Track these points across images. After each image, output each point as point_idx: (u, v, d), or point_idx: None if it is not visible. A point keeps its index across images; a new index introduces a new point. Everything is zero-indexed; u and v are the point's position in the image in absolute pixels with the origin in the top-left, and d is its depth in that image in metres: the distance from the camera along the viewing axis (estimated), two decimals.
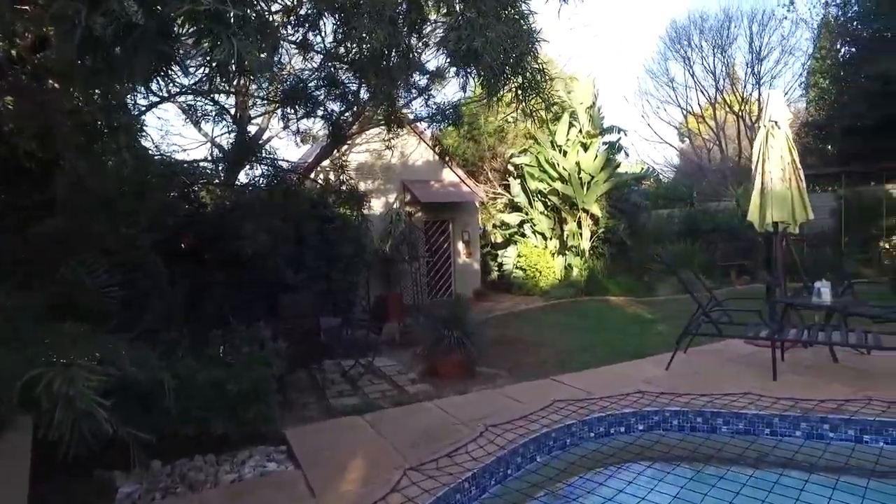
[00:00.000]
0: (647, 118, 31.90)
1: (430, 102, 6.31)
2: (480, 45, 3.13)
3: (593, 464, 3.92)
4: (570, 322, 11.65)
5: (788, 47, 19.64)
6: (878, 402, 4.22)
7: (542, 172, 16.36)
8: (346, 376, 7.53)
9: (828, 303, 5.45)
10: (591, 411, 4.25)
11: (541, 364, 8.41)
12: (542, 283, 15.79)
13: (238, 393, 3.75)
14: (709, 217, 16.41)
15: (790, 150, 6.06)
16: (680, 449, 4.07)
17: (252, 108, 6.82)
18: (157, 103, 5.08)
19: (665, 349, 7.82)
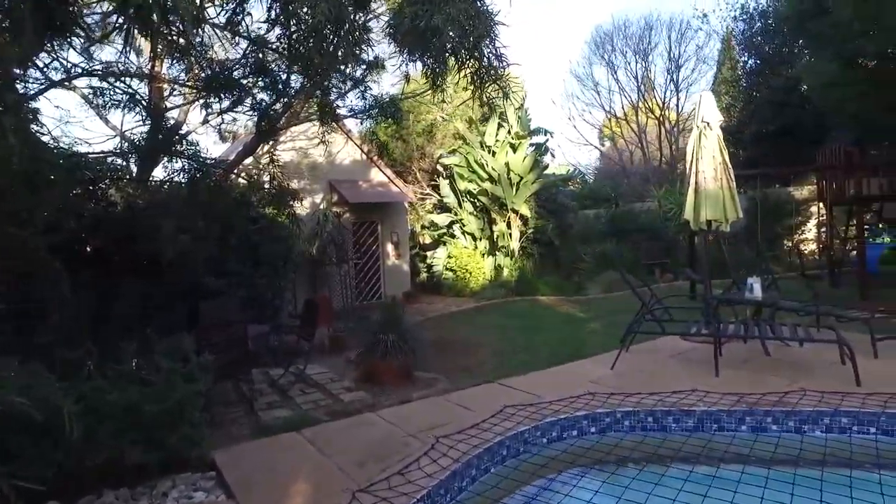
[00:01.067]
0: (573, 121, 32.85)
1: (366, 95, 5.95)
2: (440, 22, 2.87)
3: (548, 471, 3.76)
4: (504, 322, 11.61)
5: (703, 56, 20.89)
6: (812, 393, 4.35)
7: (471, 173, 16.33)
8: (275, 386, 7.04)
9: (760, 298, 5.62)
10: (544, 416, 4.10)
11: (479, 366, 8.27)
12: (472, 284, 15.74)
13: (158, 415, 3.27)
14: (633, 217, 17.00)
15: (721, 151, 6.23)
16: (635, 450, 3.99)
17: (169, 98, 6.17)
18: (55, 84, 4.43)
19: (604, 348, 7.92)
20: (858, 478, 3.48)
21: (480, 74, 3.87)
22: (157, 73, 5.46)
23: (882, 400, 4.19)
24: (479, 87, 3.96)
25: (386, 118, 5.86)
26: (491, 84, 3.92)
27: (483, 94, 4.04)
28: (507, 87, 3.96)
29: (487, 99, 4.07)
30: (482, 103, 4.08)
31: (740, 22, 16.32)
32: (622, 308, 11.52)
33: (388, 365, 7.03)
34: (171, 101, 6.58)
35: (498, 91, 4.01)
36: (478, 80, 3.91)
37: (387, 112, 5.80)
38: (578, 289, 14.83)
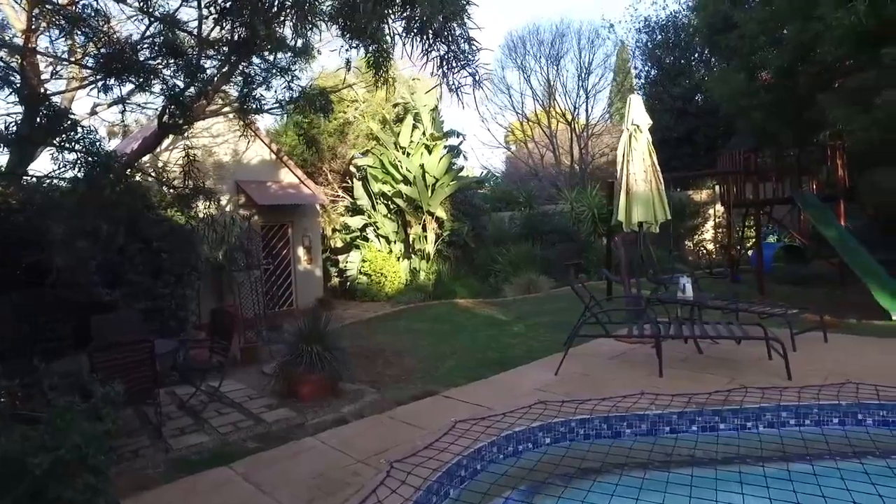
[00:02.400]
0: (486, 123, 33.09)
1: (293, 85, 5.39)
2: None
3: (509, 490, 3.51)
4: (425, 327, 11.33)
5: (610, 64, 21.92)
6: (754, 390, 4.45)
7: (385, 174, 15.94)
8: (185, 408, 6.27)
9: (692, 298, 5.75)
10: (501, 430, 3.85)
11: (406, 374, 7.92)
12: (387, 289, 15.35)
13: (51, 466, 2.62)
14: (547, 219, 17.34)
15: (650, 153, 6.35)
16: (591, 459, 3.84)
17: (53, 79, 5.23)
18: None
19: (535, 352, 7.87)
20: (797, 471, 3.54)
21: (448, 59, 3.54)
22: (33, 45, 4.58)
23: (815, 392, 4.36)
24: (447, 73, 3.61)
25: (315, 111, 5.35)
26: (460, 70, 3.59)
27: (453, 78, 3.67)
28: (477, 73, 3.65)
29: (456, 85, 3.73)
30: (451, 89, 3.75)
31: (643, 34, 17.27)
32: (542, 310, 11.64)
33: (311, 379, 6.50)
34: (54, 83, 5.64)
35: (467, 78, 3.67)
36: (446, 66, 3.57)
37: (316, 104, 5.29)
38: (495, 291, 14.86)
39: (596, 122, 22.43)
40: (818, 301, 8.79)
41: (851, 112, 5.95)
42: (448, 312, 12.77)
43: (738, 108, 8.00)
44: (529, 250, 16.07)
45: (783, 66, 6.92)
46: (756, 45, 7.13)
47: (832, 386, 4.47)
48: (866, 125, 5.79)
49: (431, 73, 3.62)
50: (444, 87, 3.67)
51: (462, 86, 3.64)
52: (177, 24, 4.23)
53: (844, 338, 6.20)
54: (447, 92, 3.67)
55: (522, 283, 14.41)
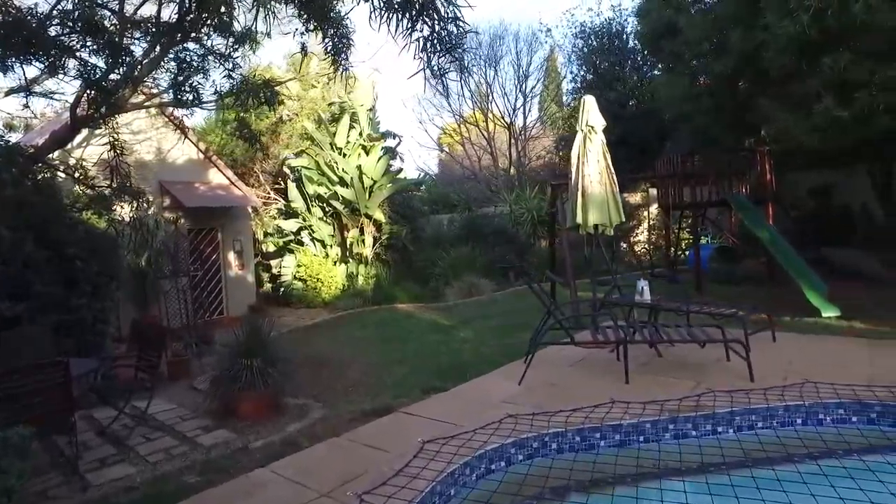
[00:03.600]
0: (424, 125, 32.72)
1: (234, 74, 4.84)
2: None
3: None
4: (367, 335, 10.90)
5: (547, 68, 22.11)
6: (721, 394, 4.41)
7: (321, 176, 15.34)
8: (106, 435, 5.58)
9: (650, 300, 5.71)
10: (474, 448, 3.57)
11: (354, 386, 7.50)
12: (324, 294, 14.75)
13: None
14: (487, 221, 17.27)
15: (605, 155, 6.28)
16: (567, 475, 3.64)
17: None
18: None
19: (487, 359, 7.63)
20: (783, 472, 3.49)
21: (432, 40, 3.18)
22: None
23: (779, 393, 4.37)
24: (430, 56, 3.25)
25: (259, 103, 4.85)
26: (445, 54, 3.24)
27: (437, 63, 3.32)
28: (461, 58, 3.32)
29: (438, 70, 3.38)
30: (434, 74, 3.40)
31: (580, 39, 17.61)
32: (486, 313, 11.49)
33: (251, 395, 5.98)
34: None
35: (453, 62, 3.33)
36: (430, 48, 3.21)
37: (261, 96, 4.78)
38: (437, 295, 14.60)
39: (533, 125, 22.69)
40: (751, 299, 9.12)
41: (794, 118, 6.14)
42: (390, 318, 12.37)
43: (682, 112, 8.18)
44: (470, 253, 15.93)
45: (726, 73, 7.10)
46: (699, 51, 7.29)
47: (793, 386, 4.50)
48: (807, 131, 6.00)
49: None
50: (426, 76, 3.32)
51: (446, 71, 3.31)
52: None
53: (788, 336, 6.36)
54: (430, 78, 3.32)
55: (464, 286, 14.22)
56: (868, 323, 7.32)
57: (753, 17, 6.19)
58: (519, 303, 12.46)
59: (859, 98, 5.42)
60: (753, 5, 6.19)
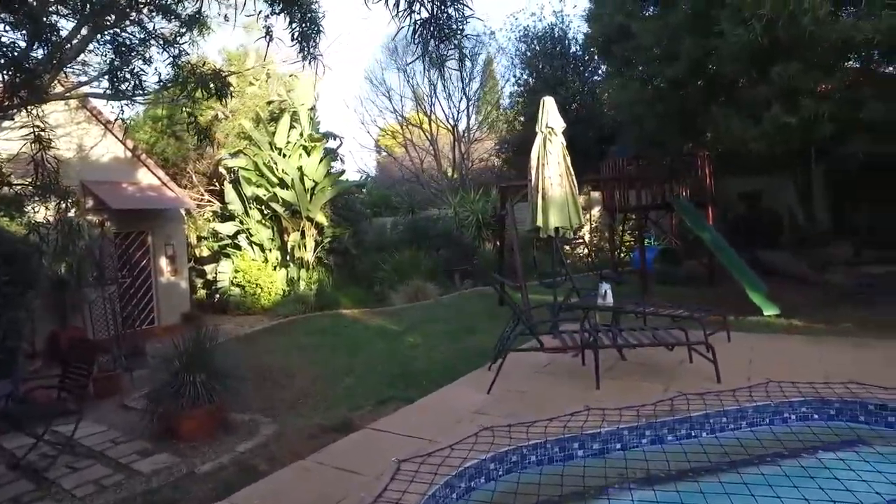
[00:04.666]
0: (366, 126, 32.02)
1: (179, 62, 4.34)
2: None
3: None
4: (312, 342, 10.44)
5: (490, 71, 22.14)
6: (693, 396, 4.39)
7: (260, 177, 14.67)
8: (21, 467, 4.95)
9: (612, 303, 5.68)
10: (454, 466, 3.34)
11: (302, 398, 7.11)
12: (264, 300, 14.12)
13: None
14: (431, 224, 17.07)
15: (565, 157, 6.22)
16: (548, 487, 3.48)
17: None
18: None
19: (442, 364, 7.42)
20: (769, 472, 3.48)
21: (433, 25, 2.88)
22: None
23: (747, 393, 4.40)
24: (429, 40, 2.95)
25: (209, 95, 4.39)
26: (445, 40, 2.95)
27: (436, 49, 3.01)
28: (461, 45, 3.05)
29: (438, 58, 3.09)
30: (434, 63, 3.11)
31: (522, 43, 17.75)
32: (434, 317, 11.27)
33: (195, 413, 5.49)
34: None
35: (453, 49, 3.04)
36: (429, 33, 2.90)
37: (211, 87, 4.31)
38: (382, 299, 14.26)
39: (476, 128, 22.67)
40: (694, 300, 9.38)
41: (744, 124, 6.32)
42: (335, 324, 11.94)
43: (634, 116, 8.32)
44: (414, 256, 15.69)
45: (677, 78, 7.25)
46: (651, 56, 7.41)
47: (759, 386, 4.55)
48: (756, 136, 6.19)
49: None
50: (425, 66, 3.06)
51: (446, 59, 3.05)
52: None
53: (739, 336, 6.50)
54: (429, 65, 3.06)
55: (410, 290, 13.95)
56: (804, 321, 7.65)
57: (706, 25, 6.33)
58: (466, 306, 12.34)
59: (805, 106, 5.64)
60: (705, 14, 6.34)
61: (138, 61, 4.09)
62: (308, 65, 3.50)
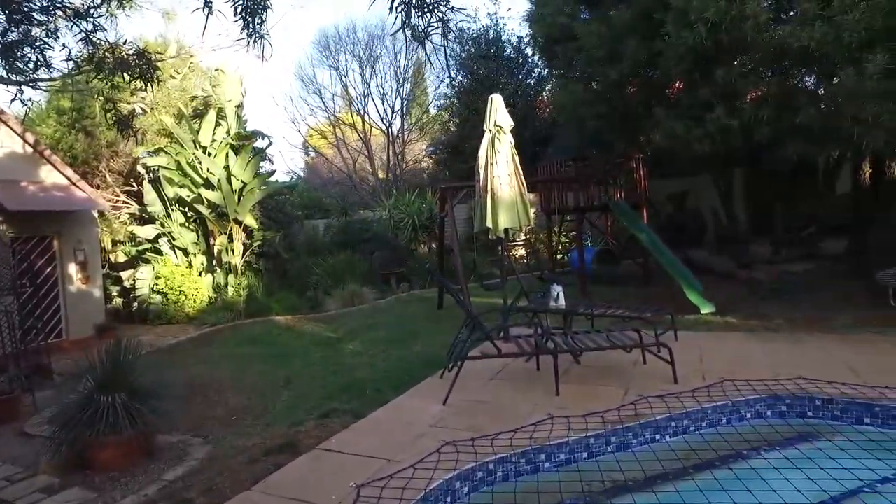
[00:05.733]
0: (297, 124, 30.93)
1: (94, 38, 3.74)
2: None
3: None
4: (244, 352, 9.83)
5: (424, 72, 21.96)
6: (654, 399, 4.31)
7: (183, 177, 13.74)
8: None
9: (565, 306, 5.57)
10: (419, 489, 3.05)
11: (237, 415, 6.58)
12: (188, 308, 13.23)
13: None
14: (366, 227, 16.62)
15: (514, 156, 6.07)
16: None
17: None
18: None
19: (386, 373, 7.08)
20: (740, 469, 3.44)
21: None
22: None
23: (705, 393, 4.38)
24: (413, 10, 2.59)
25: (133, 77, 3.82)
26: (429, 12, 2.60)
27: (420, 23, 2.66)
28: (446, 22, 2.71)
29: (422, 33, 2.74)
30: (416, 38, 2.76)
31: (457, 44, 17.63)
32: (373, 323, 10.87)
33: (114, 440, 4.89)
34: None
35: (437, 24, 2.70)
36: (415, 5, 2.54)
37: (134, 68, 3.75)
38: (316, 305, 13.73)
39: (410, 129, 22.35)
40: (633, 299, 9.54)
41: (686, 125, 6.43)
42: (267, 332, 11.31)
43: (576, 117, 8.34)
44: (349, 259, 15.22)
45: (620, 79, 7.30)
46: (594, 58, 7.43)
47: (715, 386, 4.55)
48: (700, 137, 6.31)
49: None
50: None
51: (430, 33, 2.73)
52: None
53: (683, 335, 6.58)
54: (412, 41, 2.72)
55: (345, 295, 13.49)
56: (738, 318, 7.90)
57: (649, 27, 6.39)
58: (404, 310, 12.04)
59: (746, 109, 5.80)
60: (649, 16, 6.40)
61: (41, 33, 3.49)
62: (253, 44, 3.11)
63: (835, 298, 8.58)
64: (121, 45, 3.73)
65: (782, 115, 5.61)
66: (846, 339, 6.20)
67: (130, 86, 3.93)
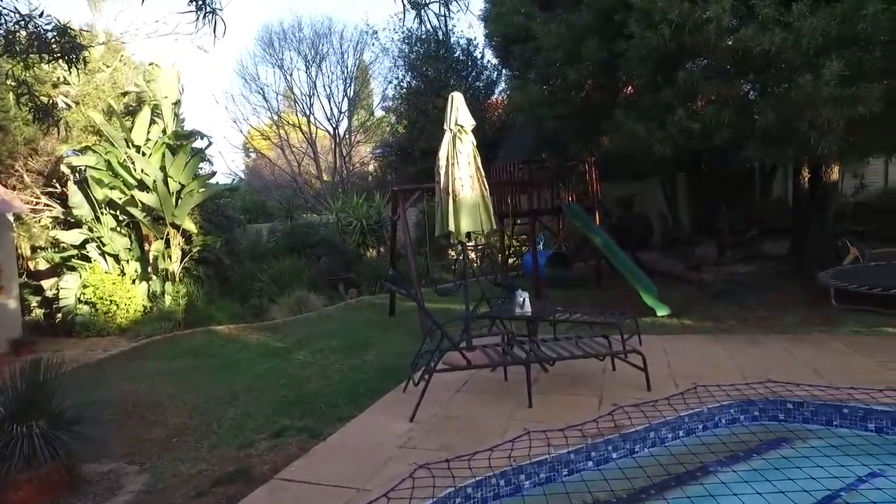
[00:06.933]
0: (239, 124, 29.73)
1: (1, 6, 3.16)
2: None
3: None
4: (183, 366, 9.16)
5: (373, 72, 21.44)
6: (630, 408, 4.16)
7: (114, 178, 12.80)
8: None
9: (529, 313, 5.36)
10: None
11: (178, 436, 6.01)
12: (120, 319, 12.33)
13: None
14: (312, 231, 16.05)
15: (475, 157, 5.83)
16: None
17: None
18: None
19: (341, 385, 6.69)
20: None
21: None
22: None
23: (680, 400, 4.27)
24: None
25: (52, 58, 3.26)
26: None
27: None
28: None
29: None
30: (413, 5, 2.40)
31: (406, 45, 17.31)
32: (322, 332, 10.42)
33: (31, 476, 4.31)
34: None
35: None
36: None
37: (53, 47, 3.21)
38: (260, 313, 13.11)
39: (357, 130, 21.77)
40: (587, 303, 9.52)
41: (648, 127, 6.39)
42: (209, 343, 10.64)
43: (535, 118, 8.20)
44: (295, 265, 14.64)
45: (580, 80, 7.22)
46: (553, 58, 7.32)
47: (689, 391, 4.46)
48: (662, 139, 6.28)
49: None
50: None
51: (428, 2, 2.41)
52: None
53: (646, 338, 6.53)
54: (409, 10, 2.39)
55: (291, 302, 12.95)
56: (693, 320, 7.97)
57: (610, 28, 6.32)
58: (355, 317, 11.65)
59: (707, 112, 5.81)
60: (610, 17, 6.33)
61: None
62: (204, 20, 2.71)
63: (780, 298, 8.82)
64: (36, 18, 3.19)
65: (742, 118, 5.66)
66: (802, 339, 6.29)
67: (51, 70, 3.41)
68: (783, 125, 5.50)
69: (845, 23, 5.17)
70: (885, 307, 7.06)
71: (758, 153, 5.93)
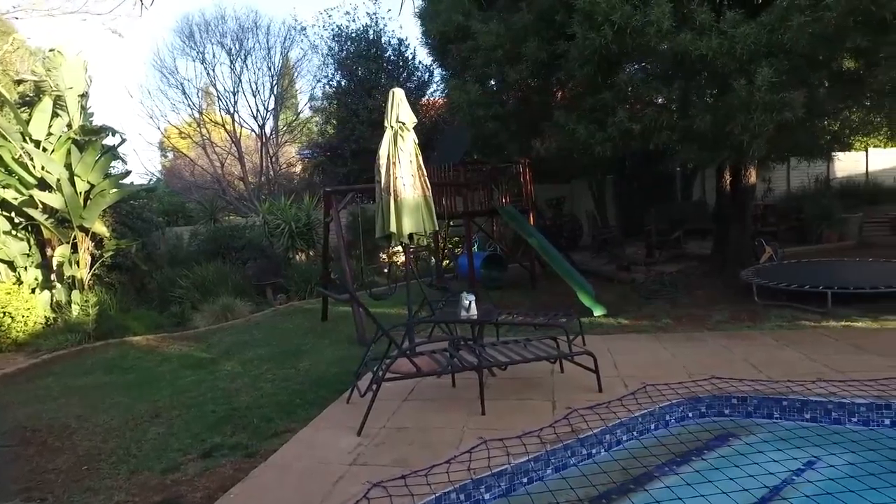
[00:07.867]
0: (156, 121, 27.81)
1: None
2: None
3: None
4: (95, 382, 8.36)
5: (301, 70, 20.58)
6: (584, 411, 4.08)
7: (8, 176, 11.59)
8: None
9: (476, 316, 5.21)
10: None
11: (89, 464, 5.35)
12: (17, 333, 11.13)
13: None
14: (238, 234, 15.24)
15: (417, 155, 5.62)
16: None
17: None
18: None
19: (275, 398, 6.27)
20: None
21: None
22: None
23: (633, 400, 4.25)
24: None
25: None
26: None
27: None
28: None
29: None
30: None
31: (335, 43, 16.79)
32: (251, 340, 9.87)
33: None
34: None
35: None
36: None
37: None
38: (181, 321, 12.30)
39: (284, 130, 20.90)
40: (524, 305, 9.55)
41: (588, 129, 6.43)
42: (124, 356, 9.80)
43: (474, 118, 8.11)
44: (219, 270, 13.86)
45: (520, 81, 7.18)
46: (492, 58, 7.25)
47: (640, 391, 4.45)
48: (602, 140, 6.33)
49: None
50: None
51: None
52: None
53: (590, 338, 6.55)
54: None
55: (216, 309, 12.24)
56: (628, 319, 8.14)
57: (551, 28, 6.31)
58: (285, 323, 11.16)
59: (647, 114, 5.91)
60: (551, 17, 6.32)
61: None
62: None
63: (707, 297, 9.19)
64: None
65: (679, 121, 5.79)
66: (734, 335, 6.51)
67: None
68: (719, 128, 5.68)
69: (773, 32, 5.40)
70: (801, 302, 7.53)
71: (694, 155, 6.11)
